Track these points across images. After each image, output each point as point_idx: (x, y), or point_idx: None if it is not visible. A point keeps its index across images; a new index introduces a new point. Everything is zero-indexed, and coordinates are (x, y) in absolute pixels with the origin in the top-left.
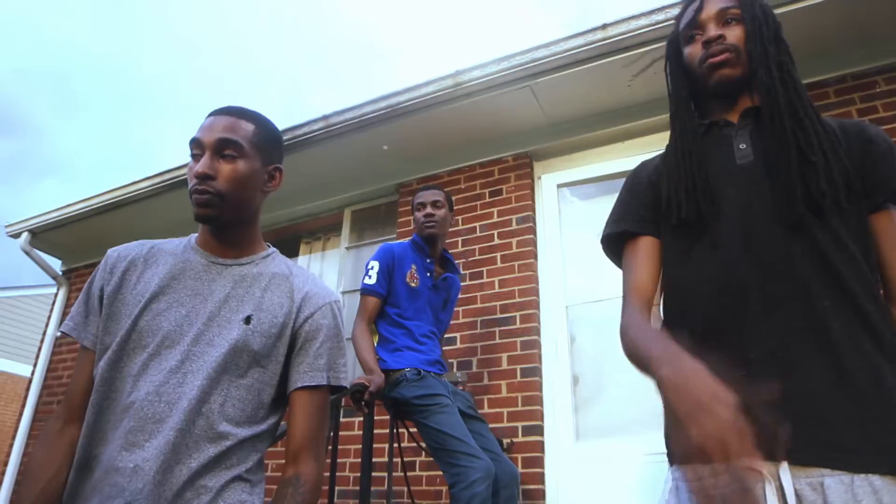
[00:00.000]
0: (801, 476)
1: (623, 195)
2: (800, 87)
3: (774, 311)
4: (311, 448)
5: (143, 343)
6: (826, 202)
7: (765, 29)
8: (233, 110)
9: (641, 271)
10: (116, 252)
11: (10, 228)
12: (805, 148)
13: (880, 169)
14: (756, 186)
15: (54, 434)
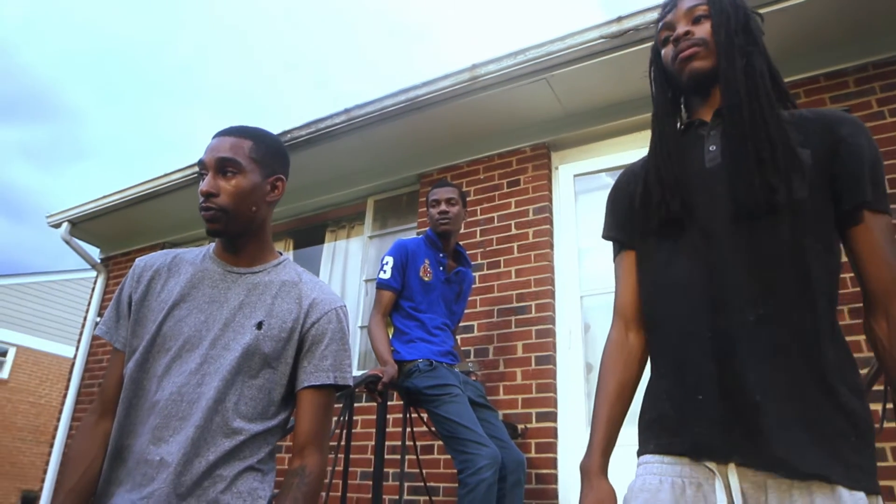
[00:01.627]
0: (748, 477)
1: (607, 204)
2: (764, 78)
3: (721, 314)
4: (316, 442)
5: (167, 346)
6: (778, 199)
7: (732, 21)
8: (232, 130)
9: (624, 289)
10: (143, 261)
11: (51, 219)
12: (758, 142)
13: (848, 173)
14: (720, 188)
15: (90, 427)
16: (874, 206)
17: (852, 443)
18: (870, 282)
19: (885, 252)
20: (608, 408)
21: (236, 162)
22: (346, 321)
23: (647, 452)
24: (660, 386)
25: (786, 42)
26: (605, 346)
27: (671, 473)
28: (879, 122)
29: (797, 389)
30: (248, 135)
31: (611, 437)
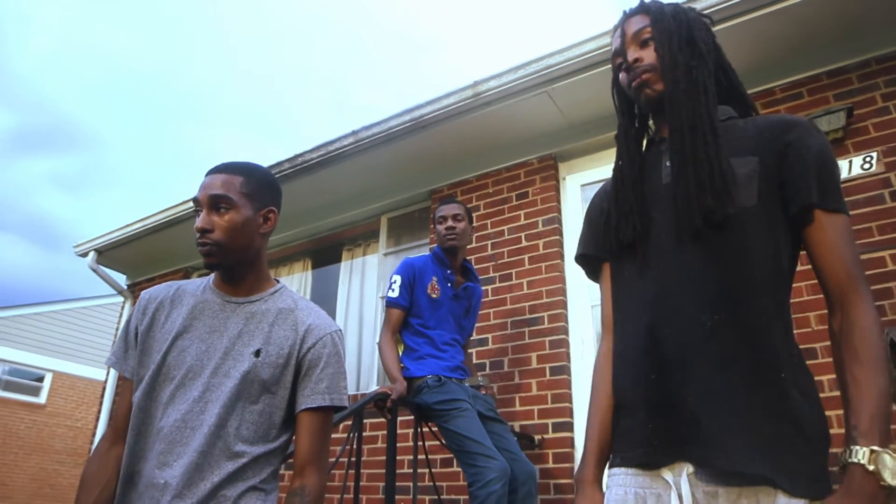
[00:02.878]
0: (700, 485)
1: (584, 222)
2: (707, 94)
3: (673, 328)
4: (315, 462)
5: (171, 375)
6: (716, 218)
7: (675, 38)
8: (223, 168)
9: (605, 302)
10: (148, 294)
11: (78, 248)
12: (697, 163)
13: (796, 175)
14: (671, 204)
15: (103, 452)
16: (823, 205)
17: (799, 449)
18: (825, 281)
19: (839, 250)
20: (600, 419)
21: (228, 198)
22: (342, 345)
23: (614, 465)
24: (622, 400)
25: (786, 42)
26: (596, 359)
27: (635, 485)
28: (885, 117)
29: (745, 398)
30: (239, 171)
31: (603, 447)
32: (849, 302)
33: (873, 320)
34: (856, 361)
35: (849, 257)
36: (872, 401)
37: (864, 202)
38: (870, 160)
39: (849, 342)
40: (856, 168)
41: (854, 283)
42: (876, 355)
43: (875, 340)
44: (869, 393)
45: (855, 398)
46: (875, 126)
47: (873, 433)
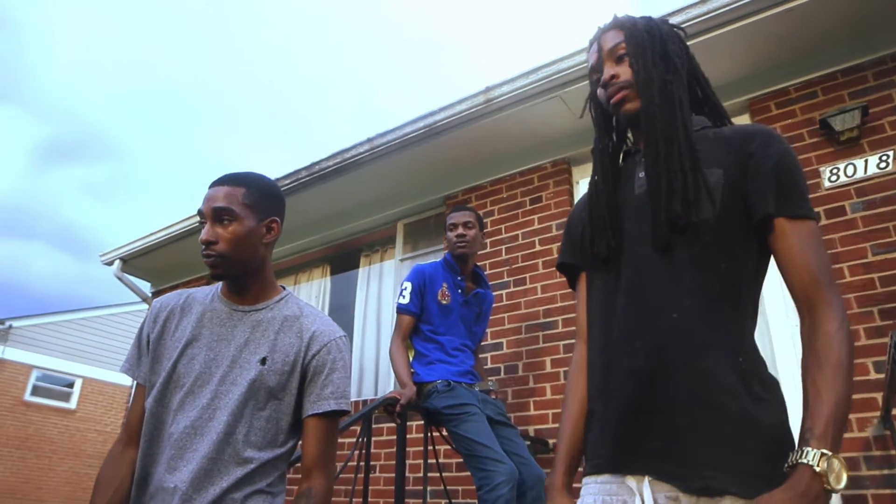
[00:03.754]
0: (662, 491)
1: (564, 231)
2: (682, 108)
3: (639, 337)
4: (321, 465)
5: (181, 383)
6: (685, 225)
7: (649, 53)
8: (225, 179)
9: (580, 312)
10: (159, 302)
11: (104, 257)
12: (670, 174)
13: (756, 186)
14: (643, 214)
15: (116, 455)
16: (784, 213)
17: (754, 453)
18: (791, 288)
19: (803, 257)
20: (571, 427)
21: (231, 210)
22: (347, 350)
23: (585, 474)
24: (592, 409)
25: (800, 41)
26: (570, 367)
27: (603, 492)
28: None
29: (703, 405)
30: (241, 182)
31: (573, 454)
32: (814, 307)
33: (838, 325)
34: (817, 366)
35: (813, 263)
36: (830, 405)
37: (881, 202)
38: (886, 159)
39: (812, 347)
40: (872, 167)
41: (819, 288)
42: (837, 360)
43: (838, 345)
44: (827, 397)
45: (813, 402)
46: (891, 124)
47: (826, 437)
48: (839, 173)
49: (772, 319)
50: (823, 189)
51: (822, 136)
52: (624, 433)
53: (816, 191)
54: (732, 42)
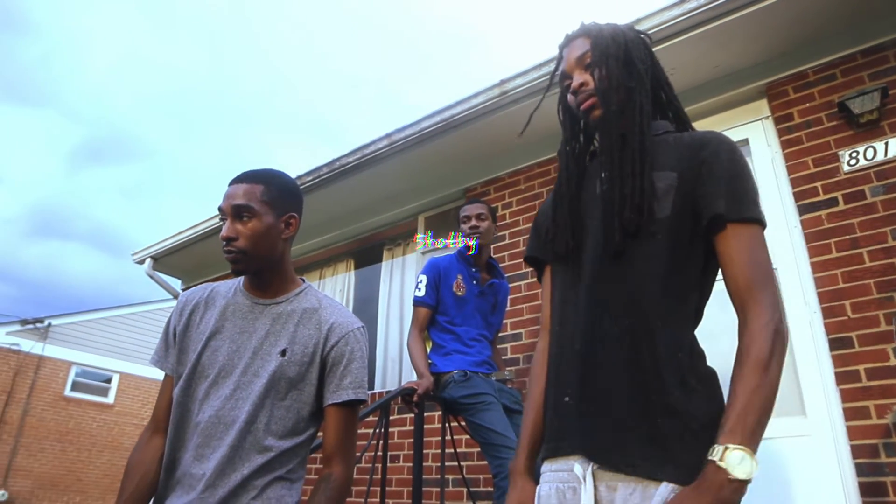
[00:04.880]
0: (604, 479)
1: (532, 226)
2: (643, 114)
3: (589, 332)
4: (341, 452)
5: (206, 374)
6: (636, 229)
7: (612, 62)
8: (245, 177)
9: (546, 303)
10: (185, 296)
11: (135, 256)
12: (623, 179)
13: (705, 191)
14: (602, 213)
15: (144, 442)
16: (729, 217)
17: (684, 442)
18: (728, 289)
19: (740, 259)
20: (533, 413)
21: (250, 207)
22: (365, 341)
23: (541, 458)
24: (547, 396)
25: (816, 22)
26: (534, 356)
27: (556, 480)
28: None
29: (643, 396)
30: (260, 179)
31: (536, 440)
32: (745, 307)
33: (763, 323)
34: (738, 362)
35: (750, 265)
36: (742, 401)
37: None
38: None
39: (739, 344)
40: (892, 150)
41: (751, 290)
42: (756, 357)
43: (759, 343)
44: (741, 393)
45: (729, 398)
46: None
47: (735, 432)
48: (858, 157)
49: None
50: (843, 173)
51: (840, 120)
52: (572, 423)
53: (835, 175)
54: (748, 26)
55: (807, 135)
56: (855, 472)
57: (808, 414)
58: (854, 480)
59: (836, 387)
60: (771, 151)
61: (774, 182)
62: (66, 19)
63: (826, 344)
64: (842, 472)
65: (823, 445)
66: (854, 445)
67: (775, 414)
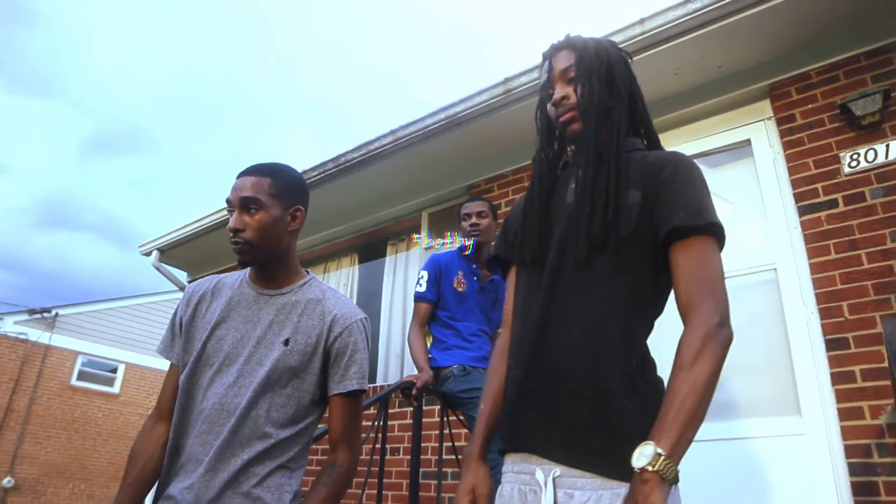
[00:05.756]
0: (564, 486)
1: (503, 225)
2: (620, 133)
3: (548, 334)
4: (346, 440)
5: (211, 362)
6: (603, 242)
7: (595, 79)
8: (252, 170)
9: (508, 302)
10: (192, 287)
11: (142, 248)
12: (594, 195)
13: (662, 208)
14: (568, 224)
15: (148, 430)
16: (682, 231)
17: (635, 444)
18: (676, 299)
19: (689, 271)
20: (490, 404)
21: (257, 199)
22: (368, 332)
23: (502, 452)
24: (507, 392)
25: (821, 23)
26: (493, 350)
27: (518, 482)
28: None
29: (597, 401)
30: (267, 172)
31: (491, 427)
32: (687, 315)
33: (700, 331)
34: (672, 368)
35: (694, 277)
36: (667, 406)
37: None
38: None
39: (676, 351)
40: (893, 152)
41: (693, 300)
42: (688, 364)
43: (694, 350)
44: (668, 399)
45: (663, 402)
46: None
47: (657, 435)
48: (859, 159)
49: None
50: (843, 175)
51: (842, 121)
52: (522, 417)
53: (836, 177)
54: (752, 26)
55: (809, 136)
56: (848, 471)
57: (803, 413)
58: (847, 480)
59: (832, 387)
60: (773, 152)
61: (776, 183)
62: (73, 11)
63: (823, 344)
64: (835, 472)
65: (818, 445)
66: (848, 445)
67: (772, 413)
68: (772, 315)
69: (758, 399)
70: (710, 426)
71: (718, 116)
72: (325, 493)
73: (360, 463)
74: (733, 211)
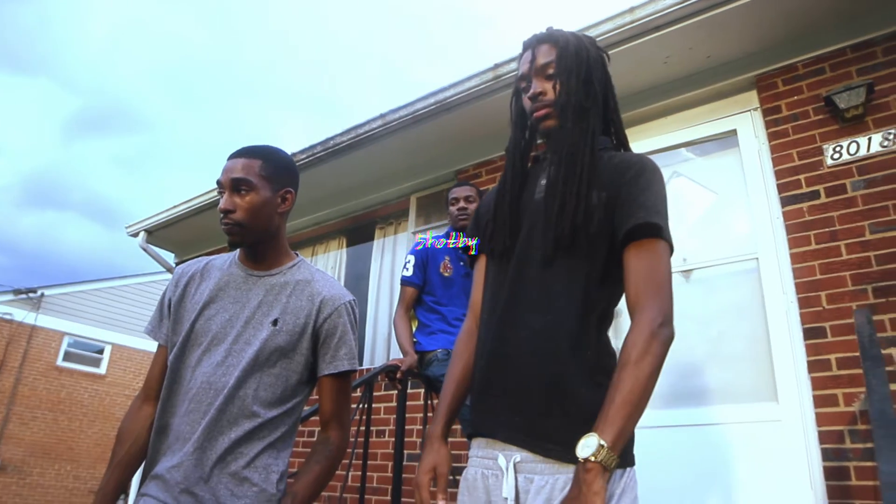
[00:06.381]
0: (524, 471)
1: (473, 217)
2: (594, 135)
3: (512, 323)
4: (337, 418)
5: (199, 341)
6: (569, 241)
7: (573, 79)
8: (243, 152)
9: (476, 290)
10: (181, 269)
11: (130, 229)
12: (564, 196)
13: (621, 212)
14: (538, 220)
15: (135, 410)
16: (636, 234)
17: (584, 429)
18: (626, 297)
19: (639, 272)
20: (454, 386)
21: (248, 181)
22: (356, 313)
23: (469, 437)
24: (474, 378)
25: (808, 16)
26: (458, 335)
27: (482, 466)
28: None
29: (556, 389)
30: (258, 154)
31: (454, 410)
32: (633, 314)
33: (643, 330)
34: (618, 363)
35: (643, 278)
36: (610, 400)
37: (882, 180)
38: (890, 137)
39: (622, 347)
40: (875, 145)
41: (640, 299)
42: (631, 359)
43: (638, 348)
44: (611, 393)
45: (607, 395)
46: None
47: (599, 426)
48: (842, 151)
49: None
50: (826, 167)
51: (827, 114)
52: (487, 404)
53: (819, 168)
54: (742, 17)
55: (793, 127)
56: (821, 456)
57: (780, 400)
58: (820, 464)
59: (808, 375)
60: (758, 143)
61: (760, 173)
62: None
63: (801, 333)
64: (809, 457)
65: (793, 431)
66: (822, 431)
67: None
68: (753, 303)
69: (737, 385)
70: (690, 411)
71: (706, 106)
72: (319, 469)
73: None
74: (718, 200)
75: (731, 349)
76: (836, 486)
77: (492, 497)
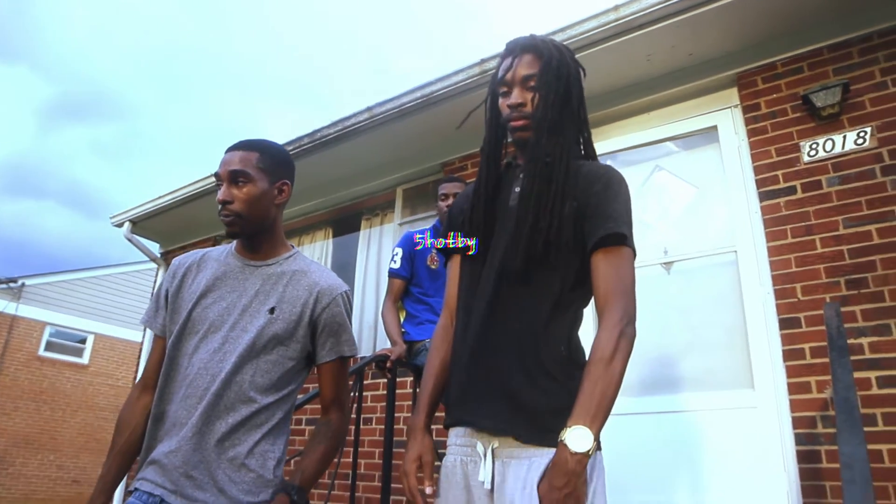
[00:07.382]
0: (501, 457)
1: (447, 216)
2: (569, 148)
3: (488, 322)
4: (337, 402)
5: (196, 329)
6: (542, 254)
7: (552, 96)
8: (241, 145)
9: (450, 286)
10: (178, 261)
11: (114, 219)
12: (539, 207)
13: (591, 223)
14: (510, 227)
15: (133, 400)
16: (604, 242)
17: (563, 419)
18: (594, 299)
19: (607, 277)
20: (433, 380)
21: (246, 173)
22: (351, 302)
23: (448, 426)
24: (452, 371)
25: (788, 16)
26: (435, 330)
27: (461, 453)
28: (882, 92)
29: (529, 382)
30: (255, 147)
31: (434, 401)
32: (602, 315)
33: (611, 329)
34: (588, 359)
35: (611, 282)
36: (587, 390)
37: (855, 177)
38: (864, 135)
39: (592, 344)
40: (849, 143)
41: (608, 301)
42: (601, 355)
43: (604, 344)
44: (585, 385)
45: (580, 388)
46: (871, 101)
47: (577, 415)
48: (818, 148)
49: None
50: (802, 163)
51: (804, 112)
52: (467, 395)
53: (795, 165)
54: (724, 16)
55: (772, 125)
56: (794, 440)
57: (756, 387)
58: (793, 448)
59: (783, 363)
60: (738, 139)
61: (739, 169)
62: None
63: (777, 323)
64: (783, 441)
65: (768, 417)
66: (795, 417)
67: (728, 387)
68: (731, 294)
69: (715, 373)
70: (670, 398)
71: (688, 102)
72: (323, 448)
73: None
74: (699, 195)
75: (710, 338)
76: (808, 469)
77: (470, 482)
